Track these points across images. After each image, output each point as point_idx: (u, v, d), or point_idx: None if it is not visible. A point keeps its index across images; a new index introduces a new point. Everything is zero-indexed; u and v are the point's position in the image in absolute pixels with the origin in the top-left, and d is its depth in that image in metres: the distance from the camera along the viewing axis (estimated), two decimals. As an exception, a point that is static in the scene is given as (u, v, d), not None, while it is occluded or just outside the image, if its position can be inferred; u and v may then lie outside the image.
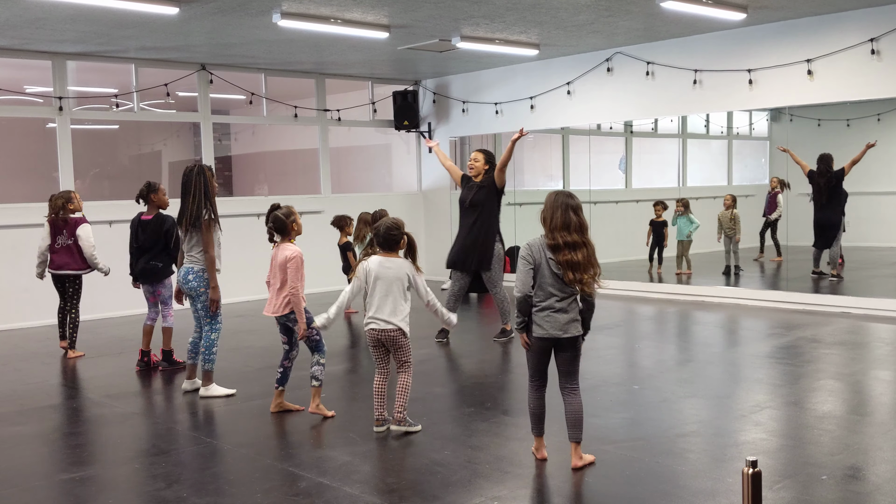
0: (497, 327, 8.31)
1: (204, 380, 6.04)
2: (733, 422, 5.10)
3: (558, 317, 4.25)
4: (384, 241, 4.94)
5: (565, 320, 4.26)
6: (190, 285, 5.96)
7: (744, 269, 11.47)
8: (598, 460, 4.39)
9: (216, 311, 5.98)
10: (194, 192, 5.88)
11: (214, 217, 5.94)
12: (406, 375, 4.98)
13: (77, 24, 8.26)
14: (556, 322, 4.26)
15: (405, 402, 4.96)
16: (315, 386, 5.42)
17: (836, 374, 6.22)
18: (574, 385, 4.35)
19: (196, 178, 5.90)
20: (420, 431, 4.98)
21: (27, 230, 9.55)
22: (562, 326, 4.26)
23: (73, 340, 7.74)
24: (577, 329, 4.29)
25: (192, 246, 5.97)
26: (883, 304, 8.77)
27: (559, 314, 4.25)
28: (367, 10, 8.06)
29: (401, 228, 4.96)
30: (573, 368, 4.35)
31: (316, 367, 5.43)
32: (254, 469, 4.45)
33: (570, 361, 4.34)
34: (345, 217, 9.66)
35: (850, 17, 8.69)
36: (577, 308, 4.29)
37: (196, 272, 5.95)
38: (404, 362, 4.99)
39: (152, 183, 7.04)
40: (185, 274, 5.99)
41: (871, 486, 3.97)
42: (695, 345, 7.83)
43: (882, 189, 10.72)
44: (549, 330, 4.26)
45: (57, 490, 4.28)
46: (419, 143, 13.53)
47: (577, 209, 4.28)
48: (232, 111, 13.93)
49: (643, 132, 12.97)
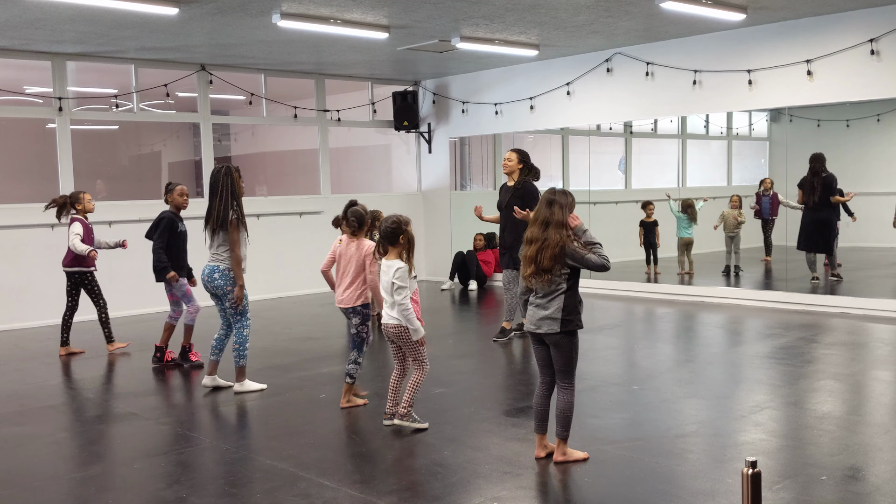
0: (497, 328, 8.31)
1: (238, 376, 6.13)
2: (733, 422, 5.10)
3: (535, 312, 4.32)
4: (383, 235, 4.99)
5: (539, 316, 4.29)
6: (216, 283, 6.03)
7: (744, 269, 11.47)
8: (597, 460, 4.39)
9: (243, 309, 6.08)
10: (221, 193, 5.99)
11: (241, 217, 6.03)
12: (418, 372, 5.03)
13: (77, 24, 8.26)
14: (531, 316, 4.35)
15: (411, 398, 4.99)
16: (348, 383, 5.60)
17: (835, 374, 6.23)
18: (565, 383, 4.36)
19: (223, 178, 6.01)
20: (426, 430, 4.99)
21: (27, 230, 9.56)
22: (535, 322, 4.31)
23: (109, 334, 7.90)
24: (549, 327, 4.25)
25: (217, 245, 6.04)
26: (882, 304, 8.77)
27: (536, 309, 4.32)
28: (367, 11, 8.06)
29: (400, 224, 4.97)
30: (563, 367, 4.35)
31: (352, 364, 5.59)
32: (254, 469, 4.45)
33: (557, 358, 4.35)
34: None
35: (850, 17, 8.69)
36: (559, 306, 4.23)
37: (222, 271, 6.02)
38: (415, 359, 5.03)
39: (168, 183, 7.25)
40: (211, 272, 6.03)
41: (870, 487, 3.98)
42: (694, 345, 7.83)
43: (882, 189, 10.71)
44: (527, 324, 4.39)
45: (58, 490, 4.28)
46: (419, 144, 13.53)
47: (553, 203, 4.22)
48: (232, 112, 13.93)
49: (643, 133, 12.97)
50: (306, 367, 7.02)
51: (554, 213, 4.21)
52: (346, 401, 5.61)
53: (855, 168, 10.25)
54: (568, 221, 4.24)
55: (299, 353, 7.62)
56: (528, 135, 13.08)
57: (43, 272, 9.65)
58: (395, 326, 4.96)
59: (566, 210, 4.25)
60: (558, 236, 4.18)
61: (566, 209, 4.25)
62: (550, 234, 4.19)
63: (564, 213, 4.23)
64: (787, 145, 10.49)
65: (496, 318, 9.36)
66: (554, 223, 4.20)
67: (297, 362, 7.20)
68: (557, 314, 4.24)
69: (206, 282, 6.08)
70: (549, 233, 4.19)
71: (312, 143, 12.75)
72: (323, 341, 8.24)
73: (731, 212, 11.36)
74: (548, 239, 4.18)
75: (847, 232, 10.60)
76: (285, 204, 11.76)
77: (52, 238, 9.72)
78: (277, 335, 8.58)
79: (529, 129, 12.10)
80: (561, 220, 4.21)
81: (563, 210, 4.23)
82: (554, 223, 4.20)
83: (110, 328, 7.95)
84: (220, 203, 5.97)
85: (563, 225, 4.21)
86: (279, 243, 11.31)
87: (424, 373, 5.04)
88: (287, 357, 7.42)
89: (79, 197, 7.75)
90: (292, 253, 11.33)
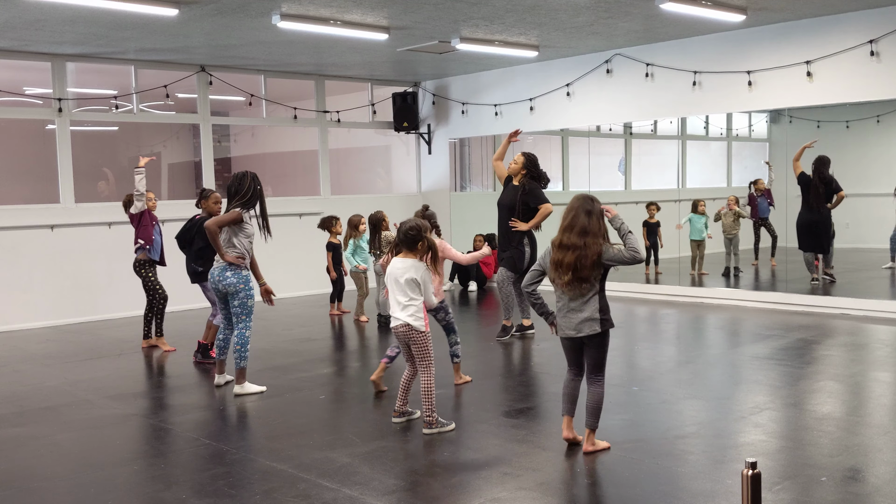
0: (498, 327, 8.31)
1: (238, 377, 6.13)
2: (733, 423, 5.10)
3: (571, 317, 4.42)
4: (402, 239, 5.03)
5: (578, 320, 4.40)
6: (228, 281, 6.03)
7: (743, 270, 11.47)
8: (598, 461, 4.40)
9: (249, 309, 6.10)
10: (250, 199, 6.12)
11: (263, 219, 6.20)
12: (425, 376, 5.02)
13: (76, 25, 8.26)
14: (569, 322, 4.44)
15: (431, 404, 4.99)
16: (456, 363, 6.21)
17: (835, 375, 6.22)
18: (597, 376, 4.51)
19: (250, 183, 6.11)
20: (454, 430, 5.03)
21: (27, 231, 9.56)
22: (575, 326, 4.42)
23: (158, 329, 8.05)
24: (591, 328, 4.39)
25: (230, 246, 6.06)
26: (882, 305, 8.77)
27: (572, 314, 4.42)
28: (367, 12, 8.06)
29: (420, 230, 5.00)
30: (597, 362, 4.50)
31: (455, 346, 6.18)
32: (253, 471, 4.45)
33: (592, 355, 4.49)
34: (331, 218, 9.79)
35: (850, 18, 8.69)
36: (596, 307, 4.37)
37: (234, 269, 6.02)
38: (420, 361, 5.04)
39: (203, 189, 7.48)
40: (223, 271, 6.03)
41: (870, 488, 3.97)
42: (694, 346, 7.83)
43: (881, 191, 10.71)
44: (565, 330, 4.47)
45: (57, 491, 4.28)
46: (419, 145, 13.53)
47: (591, 213, 4.35)
48: (231, 112, 13.93)
49: (642, 134, 12.97)
50: (306, 368, 7.02)
51: (592, 223, 4.33)
52: (459, 377, 6.19)
53: (855, 169, 10.24)
54: (604, 225, 4.39)
55: (299, 354, 7.62)
56: (528, 136, 13.07)
57: (42, 273, 9.66)
58: (403, 327, 4.97)
59: (603, 219, 4.40)
60: (597, 246, 4.31)
61: (602, 218, 4.39)
62: (590, 243, 4.30)
63: (602, 223, 4.37)
64: (786, 146, 10.49)
65: (496, 319, 9.36)
66: (592, 233, 4.32)
67: (297, 363, 7.20)
68: (596, 314, 4.38)
69: (216, 280, 6.08)
70: (587, 241, 4.30)
71: (312, 145, 12.75)
72: (323, 342, 8.24)
73: (728, 213, 11.37)
74: (588, 247, 4.30)
75: (847, 233, 10.60)
76: (285, 205, 11.76)
77: (52, 239, 9.73)
78: (277, 336, 8.57)
79: (529, 130, 12.09)
80: (598, 230, 4.34)
81: (600, 220, 4.37)
82: (592, 233, 4.32)
83: (152, 327, 8.07)
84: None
85: (601, 234, 4.34)
86: (279, 244, 11.27)
87: (431, 374, 5.03)
88: (287, 358, 7.42)
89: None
90: (292, 254, 11.32)
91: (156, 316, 8.03)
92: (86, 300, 9.97)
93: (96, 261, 10.04)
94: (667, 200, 11.81)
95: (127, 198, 7.94)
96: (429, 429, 4.99)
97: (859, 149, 10.20)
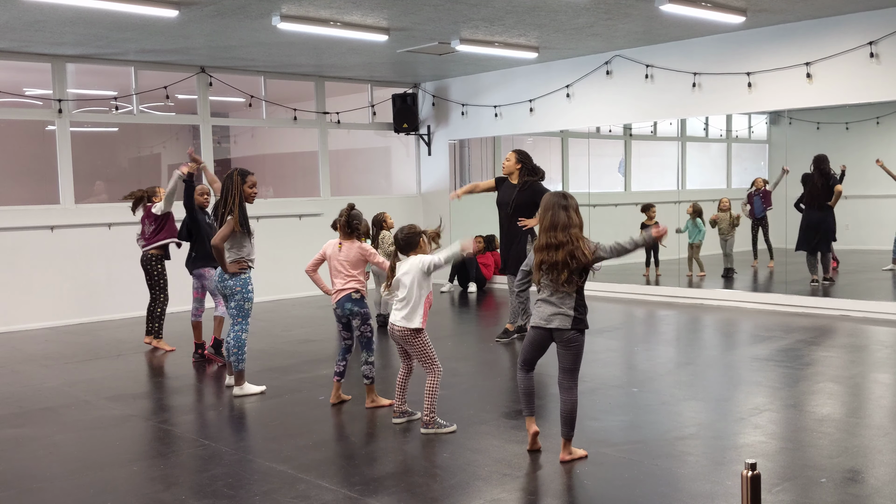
0: (498, 329, 8.30)
1: (237, 379, 6.12)
2: (732, 424, 5.10)
3: (545, 307, 4.37)
4: (401, 246, 5.09)
5: (550, 312, 4.35)
6: (226, 283, 6.03)
7: (737, 271, 11.46)
8: (597, 463, 4.39)
9: (247, 311, 6.07)
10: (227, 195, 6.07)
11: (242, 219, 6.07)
12: (431, 377, 5.03)
13: (76, 26, 8.26)
14: (542, 312, 4.38)
15: (431, 404, 4.99)
16: (367, 385, 5.67)
17: (835, 376, 6.22)
18: (570, 383, 4.40)
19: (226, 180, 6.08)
20: (455, 431, 5.01)
21: (26, 232, 9.56)
22: (546, 317, 4.35)
23: (158, 329, 7.99)
24: (562, 322, 4.30)
25: (229, 247, 6.03)
26: (882, 307, 8.76)
27: (547, 306, 4.36)
28: (367, 13, 8.06)
29: (415, 230, 5.10)
30: (569, 365, 4.38)
31: (365, 366, 5.63)
32: (252, 471, 4.45)
33: (564, 356, 4.38)
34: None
35: (849, 20, 8.70)
36: (572, 304, 4.31)
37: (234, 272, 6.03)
38: (423, 362, 5.04)
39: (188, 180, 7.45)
40: (224, 272, 6.04)
41: (870, 489, 3.97)
42: (694, 348, 7.83)
43: (881, 192, 10.72)
44: (536, 319, 4.41)
45: (56, 492, 4.27)
46: (418, 146, 13.54)
47: (568, 207, 4.32)
48: (231, 114, 13.92)
49: (642, 135, 12.97)
50: (305, 369, 7.01)
51: (571, 217, 4.30)
52: (371, 401, 5.65)
53: (854, 171, 10.24)
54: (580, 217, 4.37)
55: (298, 355, 7.62)
56: (527, 137, 13.08)
57: (42, 274, 9.65)
58: (400, 329, 5.00)
59: (578, 211, 4.37)
60: (584, 239, 4.29)
61: (578, 210, 4.37)
62: (575, 234, 4.27)
63: (579, 214, 4.35)
64: (786, 148, 10.49)
65: (496, 320, 9.36)
66: (574, 225, 4.29)
67: (296, 364, 7.20)
68: (570, 312, 4.32)
69: (217, 282, 6.11)
70: (572, 233, 4.27)
71: (312, 146, 12.75)
72: (322, 343, 8.24)
73: (722, 214, 11.38)
74: (576, 239, 4.26)
75: (847, 234, 10.60)
76: (285, 206, 11.76)
77: (51, 240, 9.73)
78: (276, 337, 8.57)
79: (529, 131, 12.11)
80: (579, 222, 4.32)
81: (577, 212, 4.35)
82: (574, 225, 4.29)
83: (155, 325, 8.03)
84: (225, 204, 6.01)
85: (580, 225, 4.32)
86: (279, 245, 11.30)
87: (437, 375, 5.04)
88: (286, 359, 7.42)
89: (155, 191, 7.94)
90: (292, 255, 11.30)
91: (159, 317, 7.99)
92: (85, 301, 9.97)
93: (96, 262, 10.03)
94: (666, 202, 11.80)
95: (140, 193, 7.92)
96: (425, 428, 4.99)
97: (859, 150, 10.20)
